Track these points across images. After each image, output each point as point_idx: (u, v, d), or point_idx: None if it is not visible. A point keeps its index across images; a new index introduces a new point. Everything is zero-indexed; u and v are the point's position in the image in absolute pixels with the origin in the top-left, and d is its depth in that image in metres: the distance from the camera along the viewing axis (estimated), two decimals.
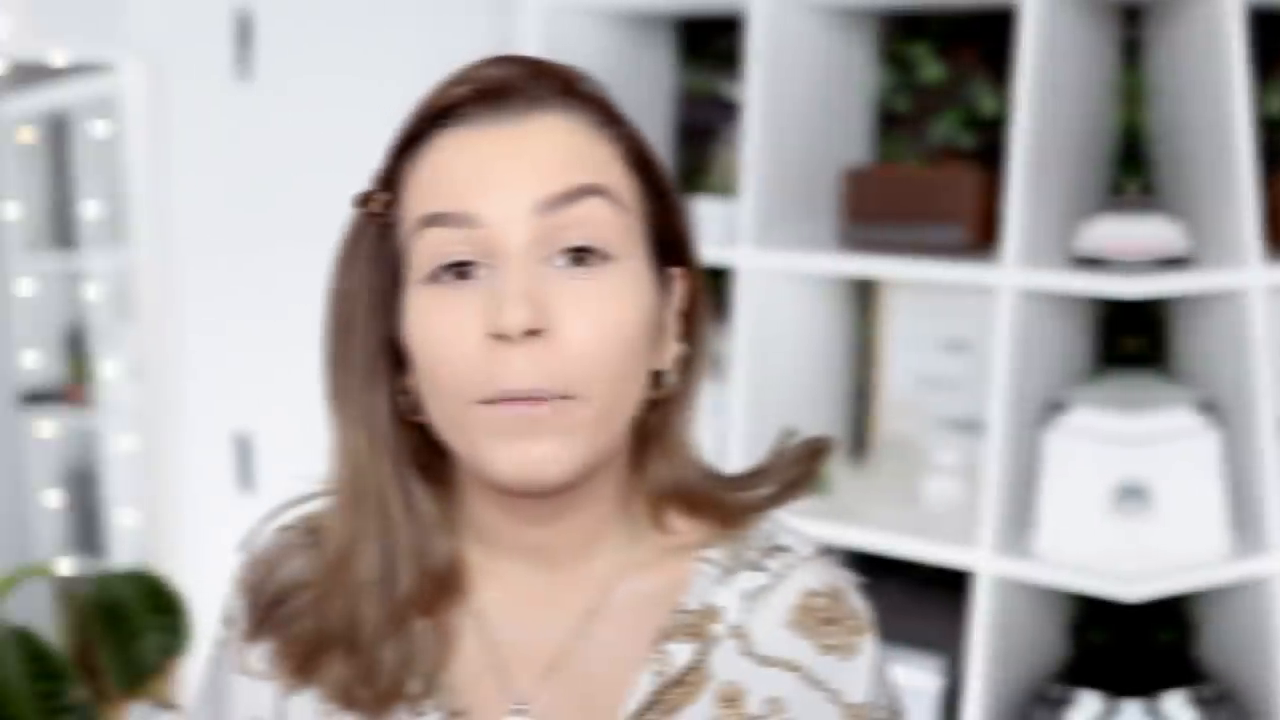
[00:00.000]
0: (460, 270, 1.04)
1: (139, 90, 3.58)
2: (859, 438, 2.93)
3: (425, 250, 1.05)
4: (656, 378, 1.12)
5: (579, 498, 1.10)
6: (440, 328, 1.04)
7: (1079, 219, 2.45)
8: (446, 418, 1.06)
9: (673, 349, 1.13)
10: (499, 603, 1.16)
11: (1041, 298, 2.40)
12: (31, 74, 3.66)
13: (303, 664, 1.13)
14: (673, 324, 1.14)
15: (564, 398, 1.01)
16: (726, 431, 2.68)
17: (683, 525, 1.17)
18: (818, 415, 2.82)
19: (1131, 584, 2.32)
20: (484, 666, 1.15)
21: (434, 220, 1.04)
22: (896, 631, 2.56)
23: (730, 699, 1.12)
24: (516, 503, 1.10)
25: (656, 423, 1.15)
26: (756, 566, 1.16)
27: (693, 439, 1.18)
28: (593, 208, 1.04)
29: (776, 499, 1.18)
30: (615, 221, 1.05)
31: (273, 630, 1.15)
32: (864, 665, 1.15)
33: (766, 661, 1.13)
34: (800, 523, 1.20)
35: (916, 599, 2.73)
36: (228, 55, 3.46)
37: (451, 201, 1.04)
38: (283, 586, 1.16)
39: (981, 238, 2.49)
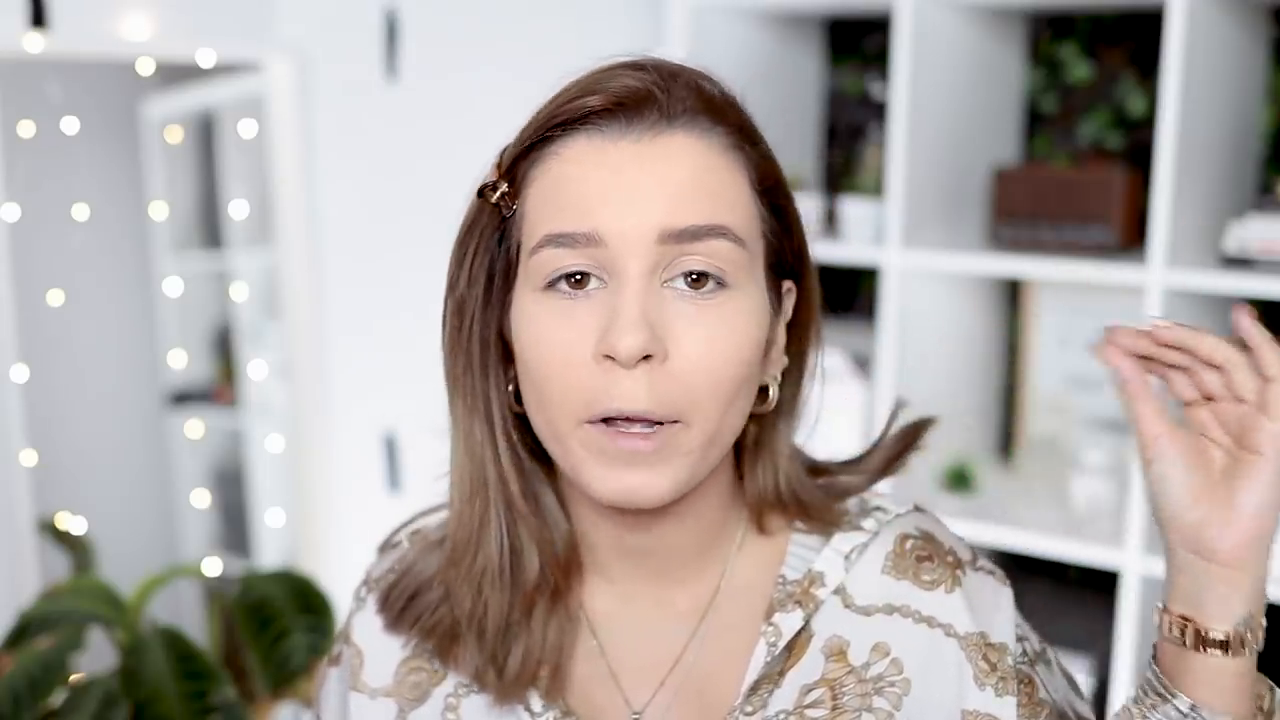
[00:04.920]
0: (575, 279, 1.07)
1: (286, 90, 3.69)
2: (1006, 437, 2.99)
3: (543, 264, 1.08)
4: (762, 391, 1.16)
5: (683, 506, 1.15)
6: (552, 342, 1.07)
7: (1227, 219, 2.50)
8: (550, 428, 1.10)
9: (779, 362, 1.18)
10: (612, 611, 1.23)
11: (1189, 297, 2.43)
12: (179, 74, 3.81)
13: (442, 654, 1.22)
14: (781, 337, 1.18)
15: (672, 422, 1.05)
16: (873, 431, 2.70)
17: (781, 524, 1.24)
18: (965, 415, 2.89)
19: None
20: (598, 672, 1.21)
21: (557, 240, 1.07)
22: (1045, 631, 2.63)
23: (835, 652, 1.16)
24: (618, 510, 1.15)
25: (760, 433, 1.21)
26: (853, 527, 1.22)
27: (794, 445, 1.24)
28: (715, 245, 1.06)
29: (869, 481, 1.26)
30: (735, 257, 1.08)
31: (411, 624, 1.24)
32: (973, 598, 1.18)
33: (866, 611, 1.18)
34: (950, 522, 1.27)
35: (1065, 599, 2.79)
36: (374, 54, 3.56)
37: (576, 221, 1.06)
38: (418, 581, 1.24)
39: (1129, 237, 2.55)
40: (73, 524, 3.52)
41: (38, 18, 3.01)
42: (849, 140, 3.14)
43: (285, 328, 3.85)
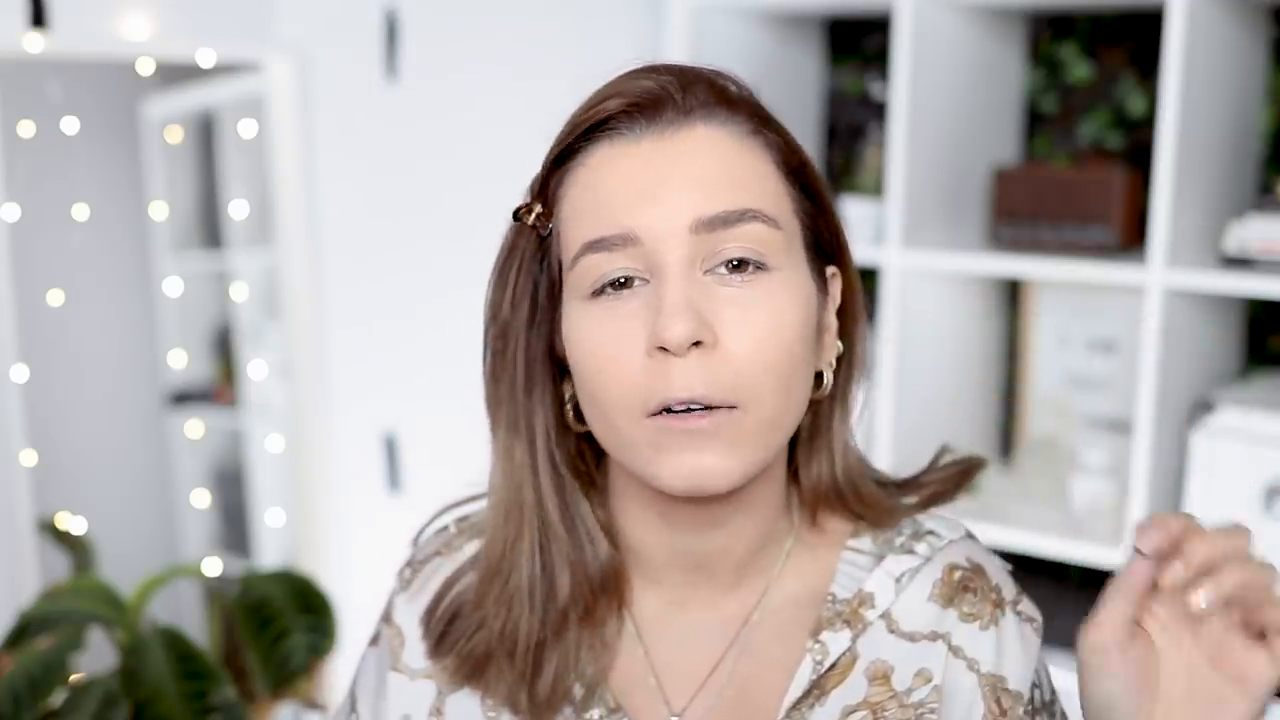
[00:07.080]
0: (620, 282, 1.08)
1: (286, 89, 3.70)
2: (1006, 438, 2.98)
3: (586, 272, 1.09)
4: (817, 378, 1.16)
5: (740, 504, 1.16)
6: (603, 343, 1.08)
7: (1227, 219, 2.50)
8: (612, 430, 1.10)
9: (833, 348, 1.18)
10: (660, 615, 1.23)
11: (1189, 298, 2.43)
12: (179, 74, 3.82)
13: (473, 675, 1.22)
14: (833, 323, 1.18)
15: (730, 408, 1.05)
16: (873, 431, 2.73)
17: (835, 523, 1.23)
18: (965, 415, 2.88)
19: None
20: (643, 676, 1.21)
21: (595, 246, 1.08)
22: (1044, 632, 2.63)
23: (879, 676, 1.16)
24: (677, 511, 1.16)
25: (815, 423, 1.20)
26: (905, 550, 1.21)
27: (850, 435, 1.23)
28: (750, 229, 1.07)
29: (921, 507, 1.24)
30: (772, 239, 1.08)
31: (450, 647, 1.23)
32: (1004, 641, 1.18)
33: (912, 637, 1.17)
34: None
35: (1065, 599, 2.76)
36: (374, 54, 3.57)
37: (610, 225, 1.07)
38: (459, 602, 1.24)
39: (1129, 238, 2.55)
40: (73, 524, 3.52)
41: (38, 18, 3.02)
42: (849, 140, 3.13)
43: (285, 328, 3.84)
